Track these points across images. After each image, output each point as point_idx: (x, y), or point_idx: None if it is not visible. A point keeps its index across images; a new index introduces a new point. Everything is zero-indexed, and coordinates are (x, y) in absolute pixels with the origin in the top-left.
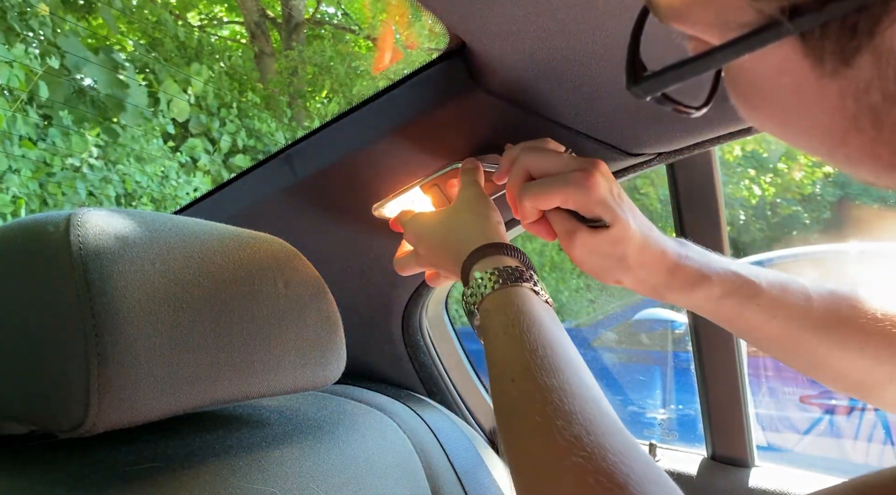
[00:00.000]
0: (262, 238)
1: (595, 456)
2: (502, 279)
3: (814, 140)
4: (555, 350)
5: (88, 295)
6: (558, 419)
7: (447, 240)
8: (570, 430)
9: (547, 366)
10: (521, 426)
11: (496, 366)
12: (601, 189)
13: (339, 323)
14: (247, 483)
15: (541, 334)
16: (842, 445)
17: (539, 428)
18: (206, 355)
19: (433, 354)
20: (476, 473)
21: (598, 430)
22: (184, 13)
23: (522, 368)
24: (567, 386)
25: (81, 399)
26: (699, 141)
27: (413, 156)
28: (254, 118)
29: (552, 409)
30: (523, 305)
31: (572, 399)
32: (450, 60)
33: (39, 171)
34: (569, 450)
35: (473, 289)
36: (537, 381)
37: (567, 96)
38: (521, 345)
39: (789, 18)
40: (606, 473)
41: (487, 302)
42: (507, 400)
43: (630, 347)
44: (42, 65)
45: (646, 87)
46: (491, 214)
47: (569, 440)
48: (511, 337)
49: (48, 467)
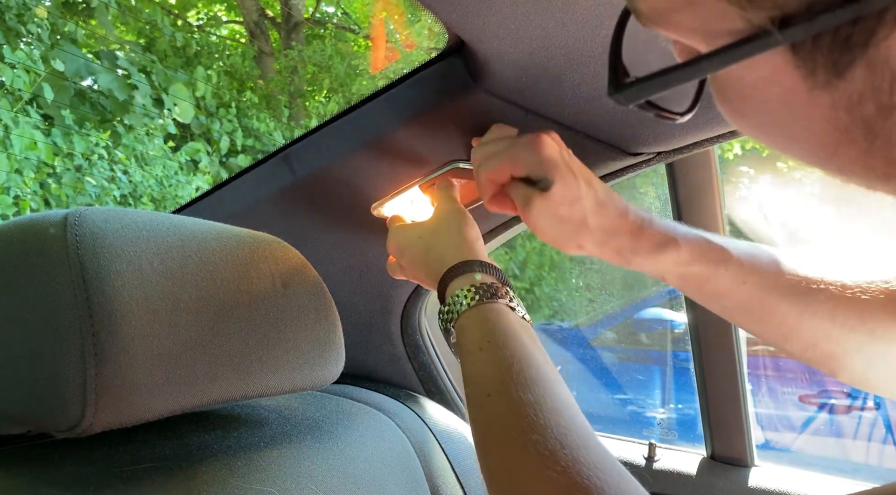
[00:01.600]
0: (261, 237)
1: (570, 469)
2: (478, 296)
3: (804, 150)
4: (530, 365)
5: (86, 294)
6: (533, 433)
7: (426, 256)
8: (544, 444)
9: (522, 381)
10: (497, 440)
11: (472, 382)
12: (547, 148)
13: (337, 322)
14: (245, 483)
15: (516, 350)
16: (841, 444)
17: (514, 442)
18: (205, 354)
19: (432, 354)
20: (475, 473)
21: (572, 444)
22: (183, 13)
23: (498, 384)
24: (542, 401)
25: (78, 399)
26: (699, 140)
27: (412, 155)
28: (252, 118)
29: (527, 423)
30: (498, 322)
31: (547, 413)
32: (449, 60)
33: (41, 172)
34: (543, 464)
35: (450, 306)
36: (512, 396)
37: (566, 96)
38: (496, 362)
39: (779, 29)
40: (582, 487)
41: (463, 319)
42: (482, 416)
43: (629, 347)
44: (46, 68)
45: (629, 94)
46: (467, 230)
47: (543, 454)
48: (486, 353)
49: (45, 467)
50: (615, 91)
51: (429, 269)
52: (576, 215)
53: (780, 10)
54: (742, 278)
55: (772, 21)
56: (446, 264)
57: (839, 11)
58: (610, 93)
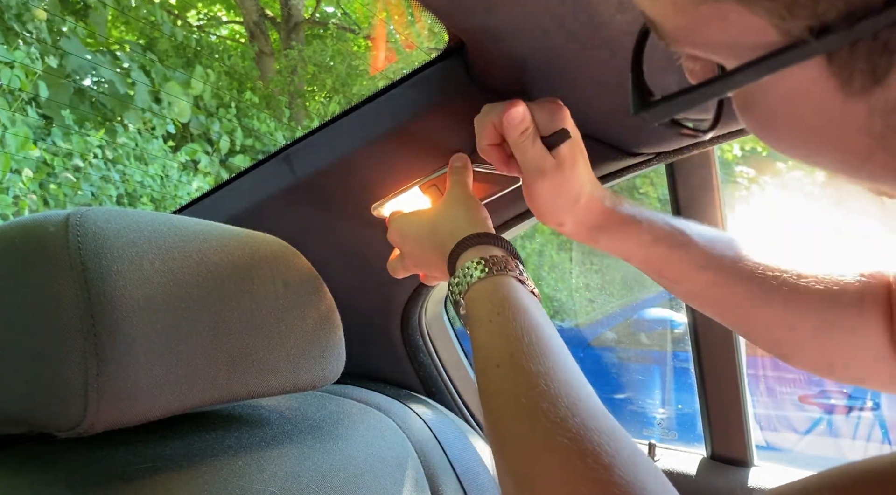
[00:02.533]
0: (262, 238)
1: (580, 437)
2: (489, 268)
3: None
4: (540, 337)
5: (87, 294)
6: (543, 402)
7: (434, 234)
8: (555, 412)
9: (532, 352)
10: (506, 408)
11: (481, 353)
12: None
13: (338, 322)
14: (246, 482)
15: (526, 322)
16: (840, 444)
17: (524, 409)
18: (205, 355)
19: (432, 354)
20: (475, 473)
21: (582, 413)
22: (183, 13)
23: (508, 355)
24: (552, 372)
25: (80, 398)
26: (699, 141)
27: (412, 155)
28: (253, 118)
29: (537, 393)
30: (509, 294)
31: (557, 384)
32: (449, 60)
33: (40, 172)
34: (554, 431)
35: (460, 278)
36: (523, 367)
37: (566, 96)
38: (507, 333)
39: (817, 37)
40: (592, 453)
41: (473, 291)
42: (492, 386)
43: (629, 347)
44: (44, 66)
45: (655, 113)
46: (478, 209)
47: (554, 421)
48: (497, 324)
49: (46, 467)
50: (641, 109)
51: (437, 246)
52: (575, 191)
53: (819, 19)
54: (701, 262)
55: (810, 30)
56: (457, 237)
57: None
58: (635, 111)
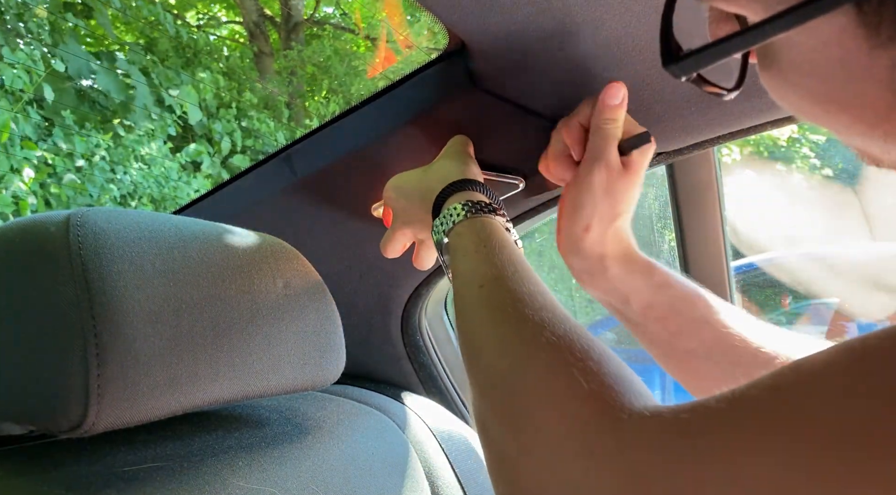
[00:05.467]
0: (262, 238)
1: (568, 336)
2: (475, 209)
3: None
4: (525, 268)
5: (88, 295)
6: (528, 310)
7: (424, 183)
8: (540, 317)
9: (517, 278)
10: (489, 317)
11: (463, 277)
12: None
13: (338, 323)
14: (246, 483)
15: (511, 255)
16: None
17: (508, 317)
18: (206, 355)
19: (432, 354)
20: (476, 474)
21: (569, 322)
22: (183, 13)
23: (492, 278)
24: (536, 294)
25: (81, 399)
26: (699, 141)
27: (412, 156)
28: (252, 118)
29: (522, 305)
30: (494, 232)
31: (542, 300)
32: (449, 60)
33: (42, 172)
34: (541, 330)
35: (444, 218)
36: (508, 287)
37: (567, 97)
38: (492, 262)
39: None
40: (581, 350)
41: (459, 226)
42: (473, 301)
43: (630, 347)
44: (46, 68)
45: (684, 65)
46: (469, 161)
47: (540, 323)
48: (481, 255)
49: (47, 467)
50: (671, 62)
51: (424, 195)
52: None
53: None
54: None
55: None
56: (445, 182)
57: None
58: (665, 64)
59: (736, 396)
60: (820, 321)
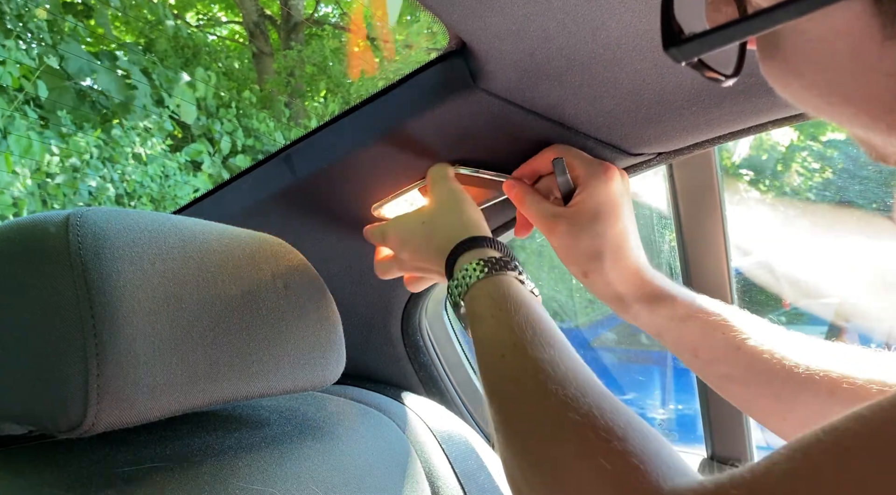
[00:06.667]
0: (262, 238)
1: (592, 413)
2: (488, 268)
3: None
4: (544, 329)
5: (87, 295)
6: (551, 383)
7: (431, 239)
8: (563, 392)
9: (537, 342)
10: (514, 392)
11: (484, 345)
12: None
13: (338, 323)
14: (246, 483)
15: (529, 315)
16: None
17: (533, 392)
18: (206, 355)
19: (433, 355)
20: (476, 474)
21: (592, 392)
22: (182, 13)
23: (512, 345)
24: (558, 359)
25: (80, 399)
26: (699, 141)
27: (413, 156)
28: (252, 118)
29: (545, 376)
30: (509, 291)
31: (564, 368)
32: (450, 60)
33: (39, 172)
34: (565, 410)
35: (459, 280)
36: (528, 354)
37: (567, 96)
38: (510, 326)
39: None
40: (605, 428)
41: (473, 290)
42: (497, 373)
43: (630, 347)
44: (40, 64)
45: (685, 50)
46: (469, 209)
47: (563, 401)
48: (498, 319)
49: (46, 467)
50: (672, 45)
51: (434, 251)
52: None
53: None
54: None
55: None
56: (454, 241)
57: None
58: (665, 47)
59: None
60: (820, 321)
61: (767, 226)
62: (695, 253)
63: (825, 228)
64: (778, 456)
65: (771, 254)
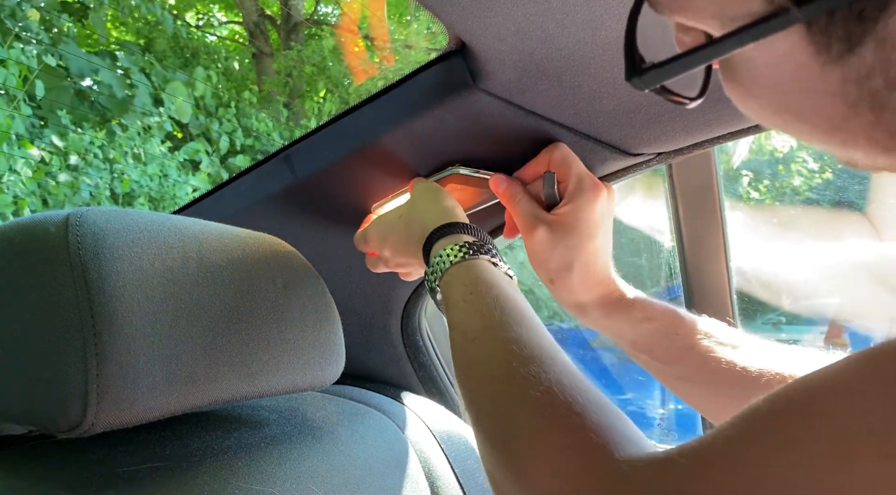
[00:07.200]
0: (262, 238)
1: (552, 390)
2: (461, 253)
3: (811, 126)
4: (513, 309)
5: (87, 295)
6: (516, 362)
7: (408, 231)
8: (526, 370)
9: (505, 323)
10: (481, 375)
11: (456, 331)
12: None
13: (338, 323)
14: (245, 483)
15: (498, 297)
16: None
17: (498, 373)
18: (205, 355)
19: (432, 354)
20: (475, 474)
21: (555, 370)
22: (182, 13)
23: (482, 328)
24: (524, 339)
25: (80, 399)
26: (699, 141)
27: (412, 155)
28: (251, 118)
29: (511, 357)
30: (481, 274)
31: (530, 347)
32: (450, 60)
33: (39, 172)
34: (526, 387)
35: (434, 267)
36: (496, 336)
37: (567, 96)
38: (480, 310)
39: (797, 6)
40: (564, 404)
41: (447, 275)
42: (467, 356)
43: None
44: (39, 64)
45: (647, 79)
46: (444, 198)
47: (526, 378)
48: (469, 303)
49: (46, 467)
50: (635, 75)
51: (411, 242)
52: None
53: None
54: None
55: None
56: (429, 230)
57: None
58: (628, 77)
59: (728, 431)
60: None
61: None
62: (693, 253)
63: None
64: (724, 425)
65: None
